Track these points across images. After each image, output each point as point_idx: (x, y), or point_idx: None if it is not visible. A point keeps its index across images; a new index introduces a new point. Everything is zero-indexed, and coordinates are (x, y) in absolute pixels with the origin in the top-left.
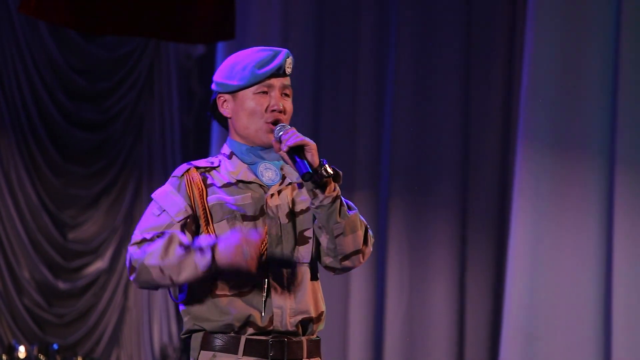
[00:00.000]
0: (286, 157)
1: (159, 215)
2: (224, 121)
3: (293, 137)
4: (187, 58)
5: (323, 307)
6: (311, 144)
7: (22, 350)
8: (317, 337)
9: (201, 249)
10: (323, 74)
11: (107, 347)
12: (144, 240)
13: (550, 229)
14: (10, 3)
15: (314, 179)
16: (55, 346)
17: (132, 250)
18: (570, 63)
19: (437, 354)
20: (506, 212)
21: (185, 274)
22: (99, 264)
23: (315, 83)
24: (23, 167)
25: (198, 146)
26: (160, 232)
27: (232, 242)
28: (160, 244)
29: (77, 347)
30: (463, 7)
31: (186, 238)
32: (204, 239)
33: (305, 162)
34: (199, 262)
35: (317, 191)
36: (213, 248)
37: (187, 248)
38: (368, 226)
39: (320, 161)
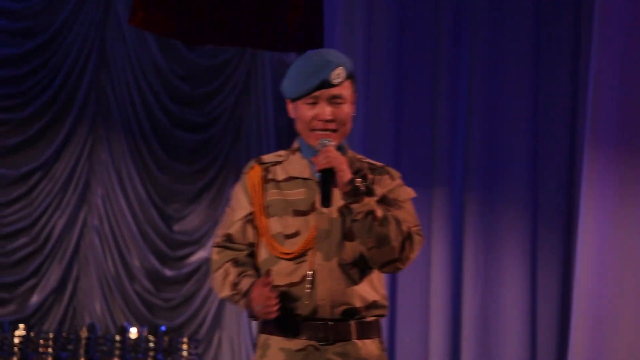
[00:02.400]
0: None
1: (230, 214)
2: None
3: (323, 159)
4: (281, 64)
5: (375, 297)
6: (339, 166)
7: (133, 332)
8: (370, 319)
9: (242, 294)
10: (404, 78)
11: (209, 329)
12: (217, 244)
13: (616, 223)
14: (121, 16)
15: (346, 198)
16: (163, 328)
17: (213, 253)
18: (637, 62)
19: (510, 338)
20: (574, 208)
21: (239, 305)
22: (202, 253)
23: (397, 87)
24: (133, 165)
25: (290, 145)
26: (227, 233)
27: (257, 294)
28: (220, 275)
29: (183, 328)
30: (531, 8)
31: (236, 273)
32: (245, 282)
33: (328, 189)
34: (241, 305)
35: (346, 210)
36: (249, 293)
37: (235, 286)
38: (414, 231)
39: (351, 179)
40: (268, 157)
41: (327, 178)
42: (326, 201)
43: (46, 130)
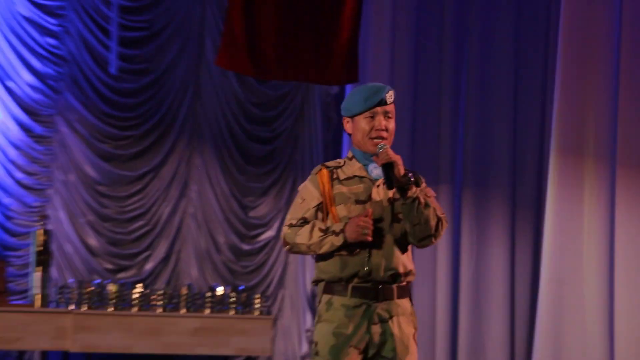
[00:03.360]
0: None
1: (301, 203)
2: (348, 135)
3: (385, 156)
4: (327, 95)
5: (410, 267)
6: (397, 161)
7: (219, 290)
8: (405, 284)
9: (335, 232)
10: (418, 101)
11: (275, 288)
12: (291, 225)
13: (573, 211)
14: (209, 59)
15: (396, 188)
16: (241, 287)
17: (285, 231)
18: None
19: (496, 299)
20: (542, 203)
21: (324, 249)
22: (270, 233)
23: (412, 110)
24: (219, 168)
25: (334, 154)
26: (303, 217)
27: (353, 225)
28: (307, 228)
29: (256, 288)
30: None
31: (323, 224)
32: (336, 226)
33: (390, 176)
34: (334, 242)
35: (400, 194)
36: (343, 230)
37: (325, 231)
38: (443, 217)
39: (405, 172)
40: (330, 163)
41: (388, 169)
42: (390, 185)
43: (156, 143)
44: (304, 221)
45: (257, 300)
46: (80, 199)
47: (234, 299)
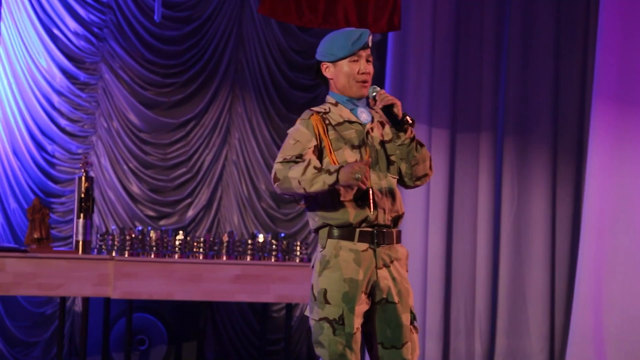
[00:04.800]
0: (380, 112)
1: (294, 144)
2: (325, 81)
3: (385, 98)
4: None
5: (404, 209)
6: (397, 103)
7: (260, 237)
8: (400, 229)
9: (329, 171)
10: (459, 51)
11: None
12: (284, 160)
13: (614, 159)
14: (253, 7)
15: (399, 127)
16: (282, 234)
17: (277, 167)
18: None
19: (537, 236)
20: (584, 145)
21: (315, 187)
22: None
23: (454, 58)
24: (260, 116)
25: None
26: (298, 154)
27: (348, 168)
28: (301, 165)
29: (296, 235)
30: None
31: (319, 163)
32: (332, 166)
33: (392, 117)
34: (327, 180)
35: (401, 134)
36: (337, 171)
37: (319, 170)
38: (431, 157)
39: (403, 113)
40: (317, 109)
41: (390, 111)
42: (396, 125)
43: (199, 91)
44: (299, 157)
45: (298, 248)
46: (123, 146)
47: (274, 246)
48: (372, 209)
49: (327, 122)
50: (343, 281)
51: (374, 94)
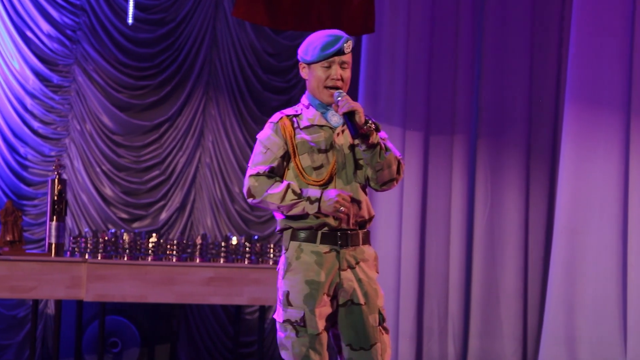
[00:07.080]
0: (342, 118)
1: (265, 152)
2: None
3: (346, 104)
4: None
5: (373, 212)
6: (358, 109)
7: (234, 239)
8: (368, 230)
9: (310, 199)
10: (434, 53)
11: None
12: (257, 174)
13: (585, 158)
14: (227, 10)
15: (359, 135)
16: (256, 237)
17: (252, 182)
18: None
19: (510, 238)
20: (557, 147)
21: (294, 211)
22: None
23: (428, 60)
24: (234, 118)
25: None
26: (270, 166)
27: (331, 202)
28: (280, 187)
29: (270, 237)
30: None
31: (297, 187)
32: (312, 192)
33: (353, 124)
34: (307, 209)
35: (363, 141)
36: (319, 200)
37: (299, 196)
38: (400, 159)
39: (365, 119)
40: (288, 111)
41: (351, 117)
42: (355, 133)
43: (172, 93)
44: (272, 172)
45: (271, 250)
46: (96, 148)
47: (248, 249)
48: (334, 219)
49: (295, 125)
50: (305, 283)
51: (339, 98)
